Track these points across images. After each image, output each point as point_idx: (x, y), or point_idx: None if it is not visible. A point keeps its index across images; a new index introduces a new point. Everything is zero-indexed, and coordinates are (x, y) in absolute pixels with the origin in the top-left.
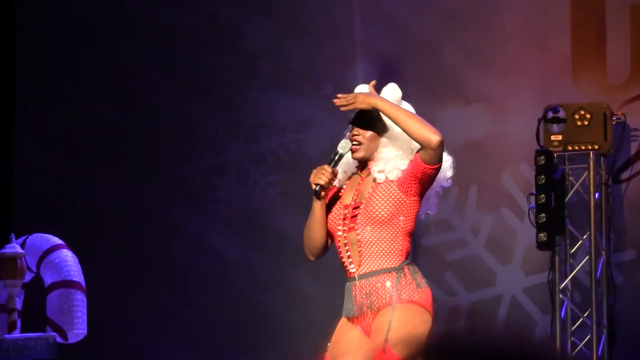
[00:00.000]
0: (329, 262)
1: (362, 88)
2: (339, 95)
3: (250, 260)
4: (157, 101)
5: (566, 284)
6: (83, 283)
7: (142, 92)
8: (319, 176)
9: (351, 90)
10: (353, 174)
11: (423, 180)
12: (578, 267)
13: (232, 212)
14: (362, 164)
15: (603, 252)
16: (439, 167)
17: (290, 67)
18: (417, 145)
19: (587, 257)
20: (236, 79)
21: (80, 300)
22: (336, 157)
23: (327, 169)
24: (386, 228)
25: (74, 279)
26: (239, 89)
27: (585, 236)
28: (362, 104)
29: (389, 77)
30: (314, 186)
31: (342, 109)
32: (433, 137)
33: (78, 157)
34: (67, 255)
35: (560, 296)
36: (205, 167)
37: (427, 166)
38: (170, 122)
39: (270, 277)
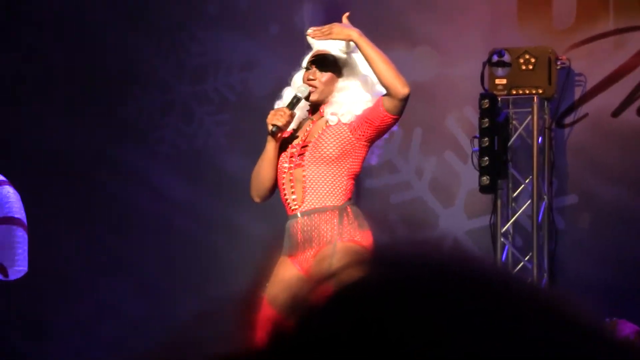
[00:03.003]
0: (273, 203)
1: (313, 28)
2: (313, 28)
3: (195, 200)
4: (102, 38)
5: (508, 227)
6: (24, 220)
7: (88, 30)
8: (277, 117)
9: (297, 31)
10: (304, 119)
11: (379, 127)
12: (520, 211)
13: (177, 152)
14: (314, 107)
15: (545, 197)
16: (397, 119)
17: (237, 6)
18: (377, 92)
19: (529, 201)
20: (183, 17)
21: (21, 237)
22: (294, 101)
23: (286, 110)
24: (332, 167)
25: (15, 216)
26: (185, 28)
27: (527, 180)
28: (339, 35)
29: (335, 18)
30: (270, 127)
31: (317, 39)
32: (402, 87)
33: (23, 94)
34: (9, 192)
35: (502, 240)
36: (150, 106)
37: (388, 114)
38: (116, 60)
39: (215, 217)
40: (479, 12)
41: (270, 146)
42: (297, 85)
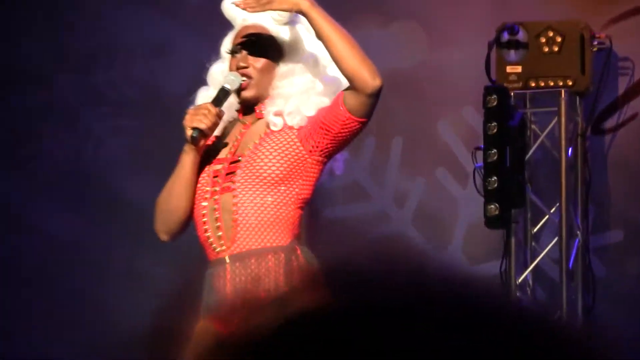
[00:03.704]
0: (187, 241)
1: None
2: None
3: (80, 238)
4: None
5: (526, 276)
6: None
7: None
8: (199, 118)
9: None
10: (231, 121)
11: (340, 135)
12: (543, 254)
13: (56, 172)
14: (246, 106)
15: (578, 233)
16: (365, 123)
17: None
18: (332, 78)
19: (556, 239)
20: None
21: None
22: (221, 95)
23: (211, 108)
24: (274, 192)
25: None
26: None
27: (553, 210)
28: (282, 4)
29: None
30: (189, 131)
31: (250, 10)
32: (372, 77)
33: None
34: None
35: (518, 293)
36: (20, 108)
37: (351, 116)
38: None
39: (107, 260)
40: None
41: (188, 159)
42: (222, 77)
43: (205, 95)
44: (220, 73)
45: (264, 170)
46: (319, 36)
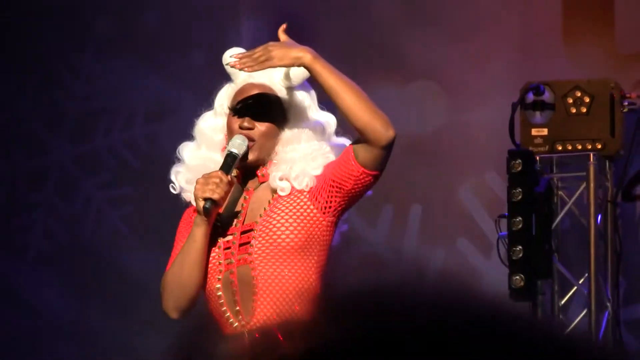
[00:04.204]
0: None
1: (235, 51)
2: (237, 54)
3: (81, 320)
4: None
5: None
6: None
7: None
8: (211, 188)
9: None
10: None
11: (353, 192)
12: (571, 327)
13: (52, 245)
14: (247, 172)
15: (608, 305)
16: (379, 176)
17: (141, 24)
18: (336, 142)
19: (585, 312)
20: (61, 42)
21: None
22: (230, 161)
23: (223, 177)
24: (295, 261)
25: None
26: (64, 57)
27: (582, 280)
28: (282, 60)
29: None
30: (202, 203)
31: (248, 70)
32: (385, 128)
33: None
34: None
35: None
36: (11, 176)
37: (365, 171)
38: None
39: (110, 342)
40: (507, 29)
41: (200, 232)
42: (219, 137)
43: (190, 151)
44: (212, 130)
45: (282, 239)
46: (325, 90)
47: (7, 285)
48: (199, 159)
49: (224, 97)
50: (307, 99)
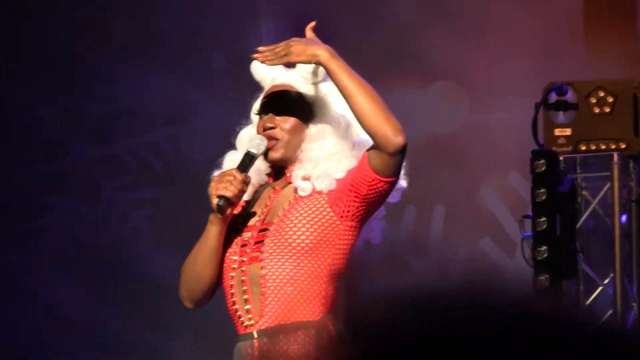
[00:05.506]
0: (221, 318)
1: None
2: (261, 48)
3: (100, 319)
4: None
5: None
6: None
7: None
8: (225, 185)
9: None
10: (262, 185)
11: (369, 197)
12: None
13: (73, 247)
14: (277, 170)
15: (634, 304)
16: (395, 182)
17: (160, 27)
18: (361, 140)
19: (611, 311)
20: (78, 43)
21: None
22: (248, 160)
23: (237, 175)
24: (305, 262)
25: None
26: (84, 60)
27: (607, 280)
28: (300, 56)
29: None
30: (215, 200)
31: (268, 63)
32: (394, 134)
33: None
34: None
35: None
36: (32, 178)
37: (378, 177)
38: None
39: (130, 343)
40: (528, 30)
41: (215, 229)
42: (248, 140)
43: (232, 160)
44: (247, 137)
45: (293, 240)
46: (340, 90)
47: (26, 286)
48: (234, 163)
49: (256, 104)
50: (331, 94)
